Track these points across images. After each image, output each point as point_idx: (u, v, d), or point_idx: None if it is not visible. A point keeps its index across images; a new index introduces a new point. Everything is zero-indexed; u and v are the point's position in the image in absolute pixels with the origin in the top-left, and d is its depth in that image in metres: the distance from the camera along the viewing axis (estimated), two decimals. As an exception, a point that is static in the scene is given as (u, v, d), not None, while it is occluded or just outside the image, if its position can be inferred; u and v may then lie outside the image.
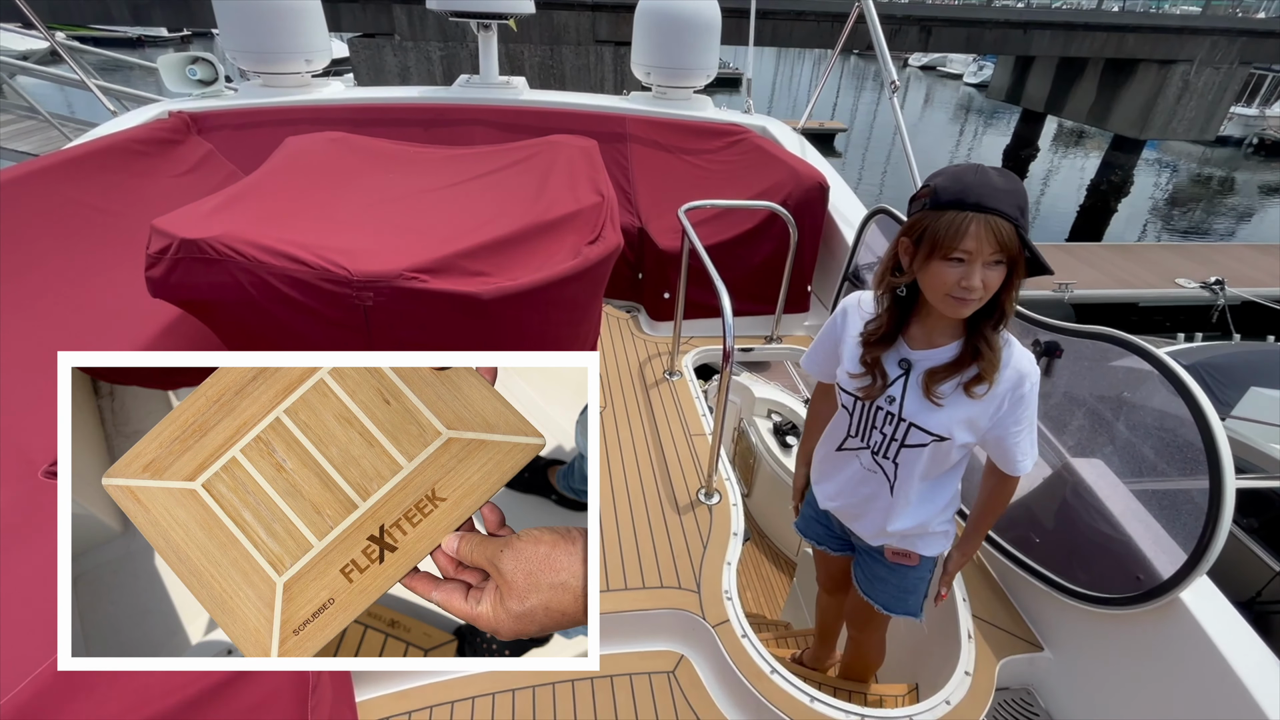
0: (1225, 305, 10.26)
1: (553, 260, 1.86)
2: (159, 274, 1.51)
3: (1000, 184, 1.16)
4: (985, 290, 1.18)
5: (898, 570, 1.55)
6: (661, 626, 1.82)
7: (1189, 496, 1.43)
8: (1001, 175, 1.18)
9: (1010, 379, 1.26)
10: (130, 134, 2.89)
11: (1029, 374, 1.27)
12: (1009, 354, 1.26)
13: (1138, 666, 1.54)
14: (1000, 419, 1.29)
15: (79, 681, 0.87)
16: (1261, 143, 23.47)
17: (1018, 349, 1.27)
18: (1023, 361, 1.27)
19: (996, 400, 1.27)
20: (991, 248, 1.15)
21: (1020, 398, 1.27)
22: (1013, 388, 1.26)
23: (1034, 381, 1.27)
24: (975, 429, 1.30)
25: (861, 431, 1.44)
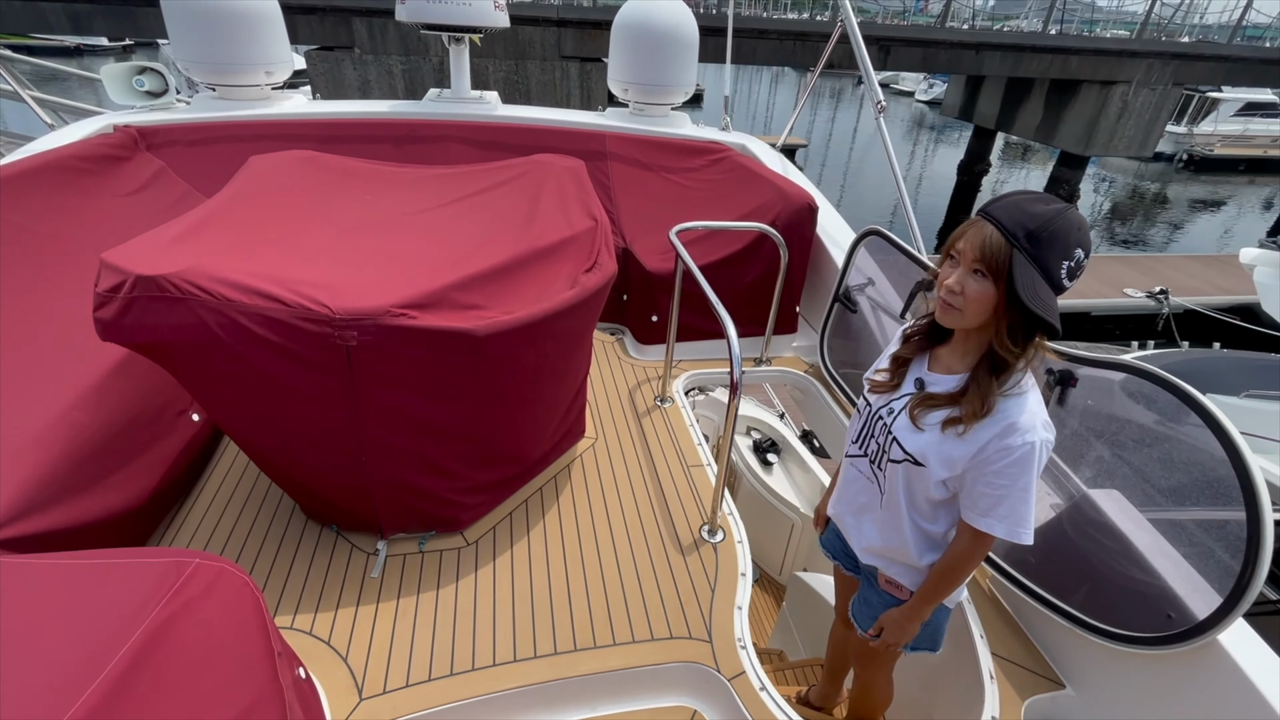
0: (1169, 314, 10.75)
1: (550, 290, 1.74)
2: (110, 315, 1.33)
3: (1023, 203, 1.13)
4: (965, 300, 1.17)
5: (887, 599, 1.54)
6: (672, 681, 1.70)
7: (1217, 529, 1.39)
8: (1039, 202, 1.13)
9: (999, 428, 1.20)
10: (71, 150, 2.65)
11: (1025, 431, 1.18)
12: (1014, 406, 1.20)
13: (1172, 708, 1.49)
14: (979, 465, 1.23)
15: None
16: (1190, 158, 24.90)
17: (1030, 406, 1.20)
18: (1022, 417, 1.19)
19: (978, 444, 1.22)
20: (975, 253, 1.14)
21: (1007, 449, 1.19)
22: (999, 436, 1.20)
23: (1031, 442, 1.18)
24: (951, 466, 1.27)
25: (863, 439, 1.47)
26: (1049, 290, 1.12)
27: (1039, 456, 1.20)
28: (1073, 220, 1.11)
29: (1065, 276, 1.12)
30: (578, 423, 2.34)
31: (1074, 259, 1.12)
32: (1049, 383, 1.74)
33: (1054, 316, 1.11)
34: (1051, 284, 1.12)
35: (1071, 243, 1.11)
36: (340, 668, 1.59)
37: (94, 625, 0.95)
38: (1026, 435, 1.18)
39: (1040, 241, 1.10)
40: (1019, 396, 1.21)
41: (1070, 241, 1.10)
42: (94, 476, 1.67)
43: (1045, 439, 1.20)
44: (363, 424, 1.60)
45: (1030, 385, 1.23)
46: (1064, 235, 1.10)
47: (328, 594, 1.78)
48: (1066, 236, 1.10)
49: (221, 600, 1.02)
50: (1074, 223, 1.11)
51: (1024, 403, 1.20)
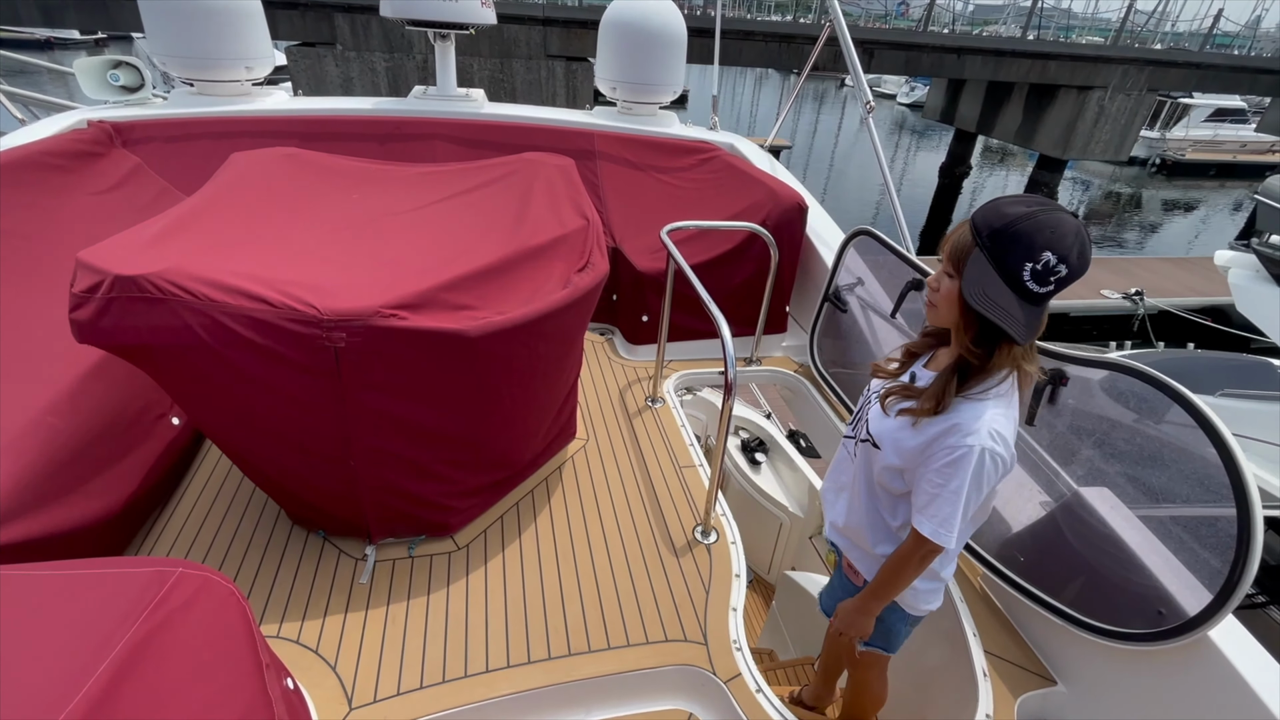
0: (1145, 315, 10.97)
1: (542, 290, 1.72)
2: (87, 317, 1.28)
3: (1002, 204, 1.13)
4: (939, 299, 1.19)
5: (847, 585, 1.60)
6: (668, 684, 1.68)
7: (1208, 526, 1.40)
8: (1019, 204, 1.11)
9: (947, 426, 1.22)
10: (43, 145, 2.57)
11: (968, 435, 1.18)
12: (969, 409, 1.20)
13: (1162, 704, 1.50)
14: (925, 460, 1.25)
15: None
16: (1163, 163, 25.46)
17: (984, 413, 1.19)
18: (970, 421, 1.19)
19: (927, 438, 1.25)
20: (947, 252, 1.17)
21: (949, 448, 1.20)
22: (945, 435, 1.22)
23: (971, 445, 1.17)
24: (900, 454, 1.30)
25: (855, 419, 1.52)
26: (1005, 291, 1.09)
27: (978, 463, 1.18)
28: (1044, 222, 1.07)
29: (1030, 279, 1.08)
30: (569, 424, 2.32)
31: (1040, 261, 1.07)
32: (1040, 381, 1.75)
33: (1004, 318, 1.08)
34: (1014, 286, 1.09)
35: (1038, 244, 1.06)
36: (329, 677, 1.55)
37: (72, 640, 0.91)
38: (968, 439, 1.18)
39: (1001, 240, 1.09)
40: (978, 402, 1.21)
41: (1036, 243, 1.06)
42: (70, 484, 1.61)
43: (989, 448, 1.18)
44: (351, 427, 1.56)
45: (997, 395, 1.21)
46: (1029, 236, 1.07)
47: (315, 601, 1.73)
48: (1032, 237, 1.06)
49: (206, 611, 0.99)
50: (1045, 225, 1.07)
51: (980, 409, 1.20)
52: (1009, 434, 1.22)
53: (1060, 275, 1.07)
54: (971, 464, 1.18)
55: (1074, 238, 1.07)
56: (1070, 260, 1.07)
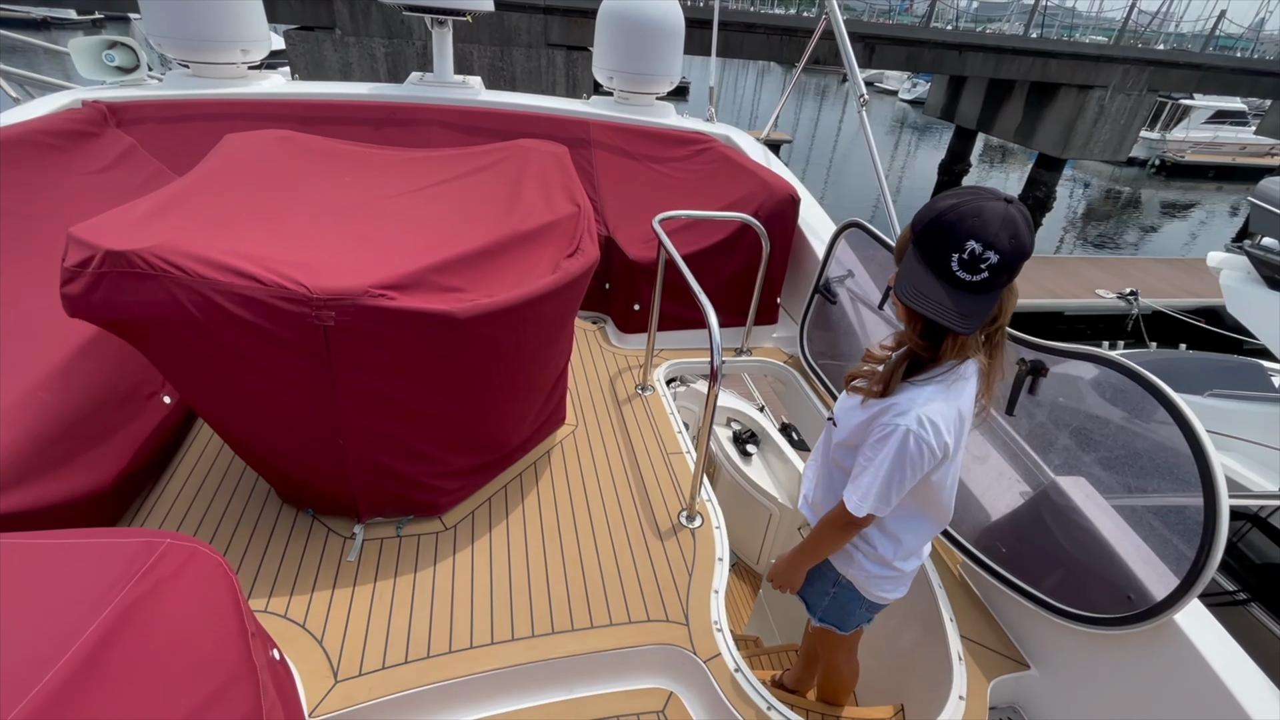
0: (1139, 315, 11.03)
1: (532, 275, 1.74)
2: (78, 291, 1.30)
3: (938, 199, 1.16)
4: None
5: (843, 586, 1.60)
6: (649, 663, 1.71)
7: (1177, 515, 1.44)
8: (951, 196, 1.14)
9: (884, 405, 1.29)
10: (38, 124, 2.57)
11: (899, 415, 1.24)
12: (907, 392, 1.27)
13: (1128, 686, 1.54)
14: (865, 437, 1.33)
15: None
16: (1162, 164, 25.49)
17: (919, 396, 1.25)
18: (905, 405, 1.25)
19: (868, 416, 1.33)
20: (896, 248, 1.25)
21: (881, 425, 1.27)
22: (881, 413, 1.28)
23: (898, 424, 1.23)
24: (847, 429, 1.38)
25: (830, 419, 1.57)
26: (935, 284, 1.12)
27: (901, 443, 1.23)
28: (966, 211, 1.08)
29: (959, 269, 1.10)
30: (558, 410, 2.34)
31: (965, 250, 1.08)
32: (1021, 371, 1.78)
33: (934, 310, 1.11)
34: (945, 278, 1.11)
35: (961, 234, 1.08)
36: (315, 650, 1.58)
37: (60, 606, 0.93)
38: (898, 419, 1.24)
39: (928, 234, 1.12)
40: (919, 387, 1.26)
41: (959, 232, 1.08)
42: (61, 458, 1.63)
43: (915, 431, 1.22)
44: (340, 406, 1.58)
45: (940, 381, 1.25)
46: (951, 226, 1.09)
47: (303, 577, 1.76)
48: (955, 228, 1.08)
49: (193, 581, 1.01)
50: (968, 214, 1.08)
51: (916, 394, 1.25)
52: (944, 422, 1.24)
53: (991, 262, 1.08)
54: (895, 443, 1.23)
55: (1001, 223, 1.07)
56: (1000, 245, 1.07)
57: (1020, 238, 1.09)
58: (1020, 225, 1.08)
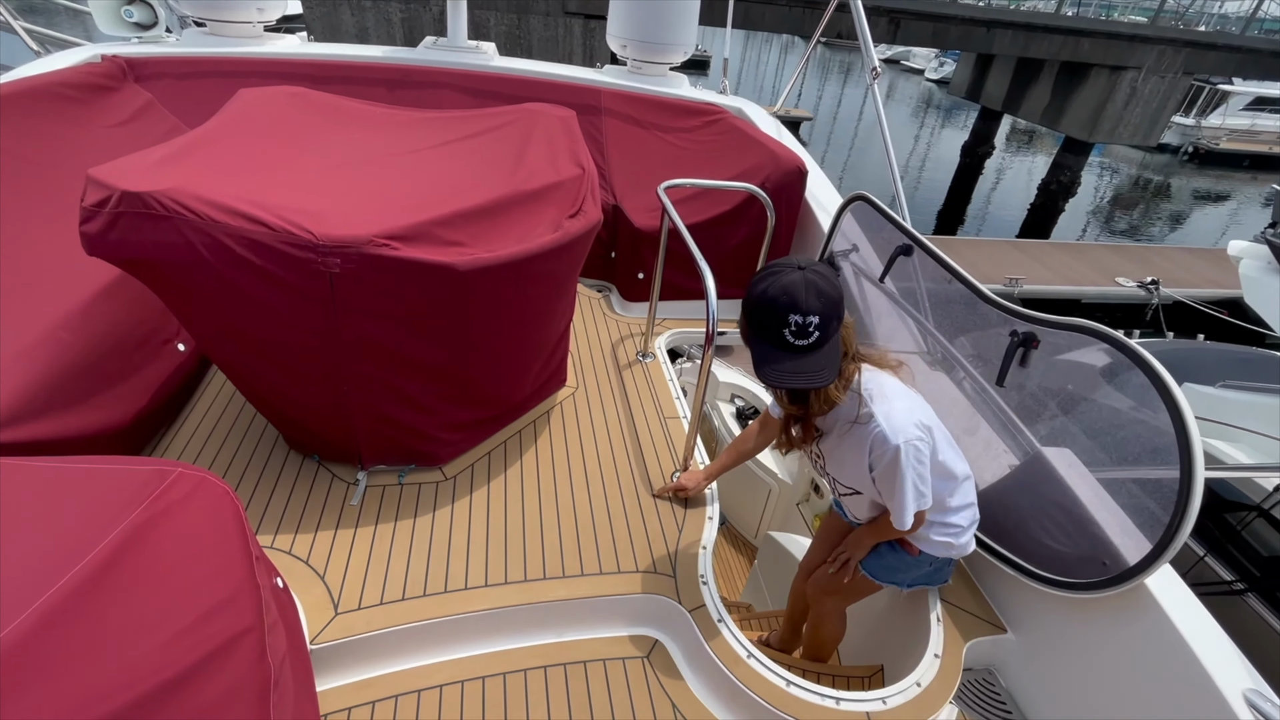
0: (1159, 304, 10.85)
1: (533, 233, 1.77)
2: (96, 229, 1.36)
3: (752, 293, 1.31)
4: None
5: (898, 551, 1.74)
6: (636, 611, 1.78)
7: (1155, 486, 1.47)
8: (758, 288, 1.29)
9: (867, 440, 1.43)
10: (58, 76, 2.63)
11: (883, 441, 1.40)
12: (872, 425, 1.41)
13: (1099, 648, 1.59)
14: (872, 469, 1.47)
15: (16, 676, 0.77)
16: (1195, 151, 24.75)
17: (877, 422, 1.40)
18: (880, 430, 1.40)
19: (864, 457, 1.46)
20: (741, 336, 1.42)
21: (878, 458, 1.43)
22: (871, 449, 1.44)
23: (888, 449, 1.39)
24: (864, 478, 1.52)
25: (819, 473, 1.72)
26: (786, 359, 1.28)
27: (905, 457, 1.40)
28: (774, 293, 1.25)
29: (794, 338, 1.26)
30: (559, 371, 2.40)
31: (790, 324, 1.25)
32: (1012, 343, 1.80)
33: (790, 379, 1.29)
34: (787, 348, 1.28)
35: (779, 312, 1.25)
36: (318, 584, 1.66)
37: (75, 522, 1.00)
38: (886, 443, 1.40)
39: (755, 321, 1.30)
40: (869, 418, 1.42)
41: (778, 312, 1.25)
42: (79, 394, 1.71)
43: (907, 441, 1.40)
44: (344, 353, 1.64)
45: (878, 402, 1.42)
46: (769, 310, 1.26)
47: (308, 518, 1.84)
48: (773, 309, 1.25)
49: (201, 506, 1.08)
50: (777, 295, 1.25)
51: (875, 422, 1.41)
52: (912, 415, 1.43)
53: (815, 322, 1.24)
54: (900, 461, 1.40)
55: (805, 290, 1.23)
56: (813, 308, 1.23)
57: (825, 294, 1.25)
58: (820, 284, 1.25)
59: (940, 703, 1.62)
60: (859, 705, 1.58)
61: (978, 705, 1.76)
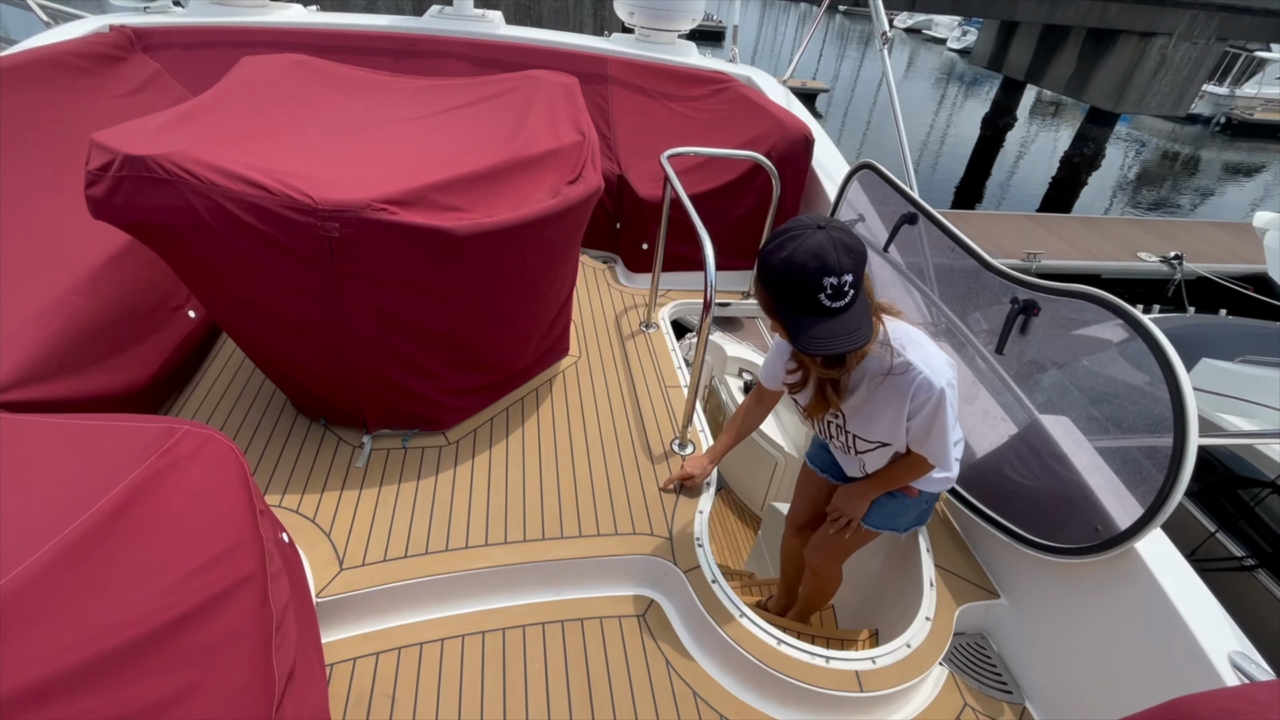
0: (1182, 280, 10.59)
1: (531, 199, 1.78)
2: (100, 193, 1.39)
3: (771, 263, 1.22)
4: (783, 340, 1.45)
5: (897, 496, 1.73)
6: (633, 572, 1.83)
7: (1151, 452, 1.46)
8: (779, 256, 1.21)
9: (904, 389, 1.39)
10: (68, 46, 2.65)
11: (924, 388, 1.36)
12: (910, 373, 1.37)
13: (1090, 612, 1.60)
14: (910, 417, 1.44)
15: (23, 615, 0.82)
16: (1229, 122, 23.87)
17: (916, 370, 1.36)
18: (919, 377, 1.36)
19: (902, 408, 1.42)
20: (762, 310, 1.35)
21: (919, 405, 1.40)
22: (912, 397, 1.39)
23: (931, 394, 1.37)
24: (899, 429, 1.48)
25: (825, 434, 1.67)
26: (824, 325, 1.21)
27: (945, 401, 1.38)
28: (802, 258, 1.16)
29: (828, 301, 1.20)
30: (561, 339, 2.42)
31: (825, 288, 1.18)
32: (1013, 310, 1.78)
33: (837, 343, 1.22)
34: (825, 314, 1.21)
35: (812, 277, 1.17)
36: (323, 541, 1.72)
37: (86, 474, 1.05)
38: (929, 388, 1.37)
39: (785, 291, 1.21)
40: (906, 368, 1.37)
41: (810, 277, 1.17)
42: (92, 357, 1.76)
43: (946, 384, 1.38)
44: (345, 318, 1.67)
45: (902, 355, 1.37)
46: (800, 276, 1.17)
47: (314, 479, 1.90)
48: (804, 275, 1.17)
49: (208, 461, 1.12)
50: (805, 260, 1.16)
51: (913, 370, 1.36)
52: (944, 359, 1.40)
53: (849, 281, 1.19)
54: (942, 404, 1.39)
55: (833, 247, 1.17)
56: (846, 266, 1.17)
57: (853, 249, 1.19)
58: (846, 240, 1.19)
59: (929, 663, 1.65)
60: (848, 664, 1.61)
61: (969, 668, 1.78)
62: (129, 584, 0.94)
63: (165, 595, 0.96)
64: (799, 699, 1.58)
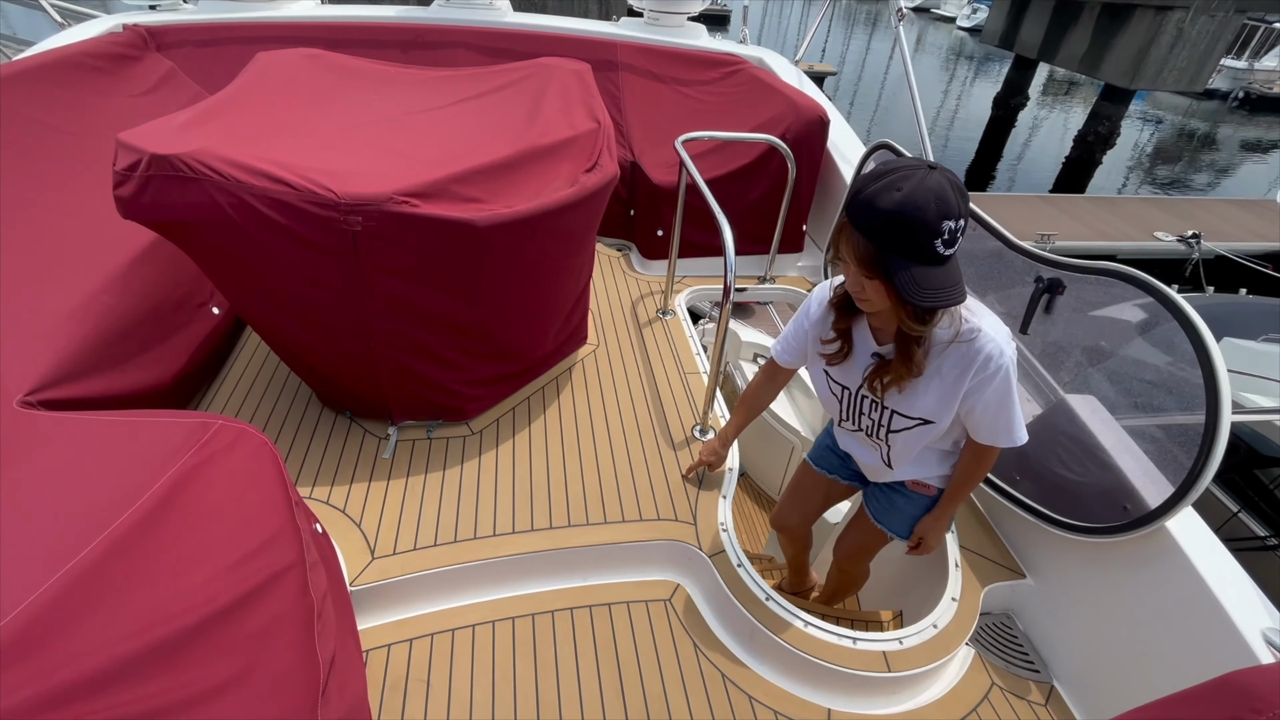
0: (1199, 259, 10.42)
1: (549, 188, 1.78)
2: (129, 193, 1.40)
3: (874, 199, 1.10)
4: (869, 296, 1.21)
5: (914, 499, 1.65)
6: (658, 557, 1.84)
7: (1181, 430, 1.45)
8: (888, 190, 1.09)
9: (969, 358, 1.27)
10: (83, 47, 2.67)
11: (995, 356, 1.26)
12: (978, 341, 1.26)
13: (1119, 591, 1.60)
14: (969, 395, 1.32)
15: (81, 606, 0.84)
16: (1247, 96, 23.36)
17: (986, 336, 1.26)
18: (989, 345, 1.26)
19: (963, 380, 1.30)
20: (854, 261, 1.17)
21: (987, 378, 1.28)
22: (977, 368, 1.27)
23: (1002, 364, 1.26)
24: (950, 405, 1.35)
25: (852, 416, 1.54)
26: (930, 273, 1.11)
27: (1011, 372, 1.29)
28: (924, 198, 1.06)
29: (943, 248, 1.10)
30: (580, 328, 2.42)
31: (944, 233, 1.08)
32: (1037, 289, 1.77)
33: (949, 295, 1.12)
34: (934, 262, 1.11)
35: (932, 219, 1.07)
36: (354, 531, 1.74)
37: (125, 470, 1.07)
38: (998, 357, 1.26)
39: (900, 236, 1.09)
40: (976, 333, 1.26)
41: (930, 219, 1.07)
42: (124, 354, 1.79)
43: (1011, 354, 1.28)
44: (369, 311, 1.68)
45: (970, 320, 1.27)
46: (920, 219, 1.07)
47: (343, 470, 1.92)
48: (923, 217, 1.07)
49: (243, 456, 1.14)
50: (927, 200, 1.06)
51: (978, 326, 1.26)
52: (1005, 329, 1.30)
53: (962, 227, 1.10)
54: (1011, 375, 1.29)
55: (951, 189, 1.08)
56: (962, 211, 1.09)
57: (963, 192, 1.10)
58: (958, 181, 1.10)
59: (955, 644, 1.65)
60: (875, 645, 1.62)
61: (995, 648, 1.79)
62: (177, 574, 0.96)
63: (211, 584, 0.99)
64: (827, 680, 1.59)
